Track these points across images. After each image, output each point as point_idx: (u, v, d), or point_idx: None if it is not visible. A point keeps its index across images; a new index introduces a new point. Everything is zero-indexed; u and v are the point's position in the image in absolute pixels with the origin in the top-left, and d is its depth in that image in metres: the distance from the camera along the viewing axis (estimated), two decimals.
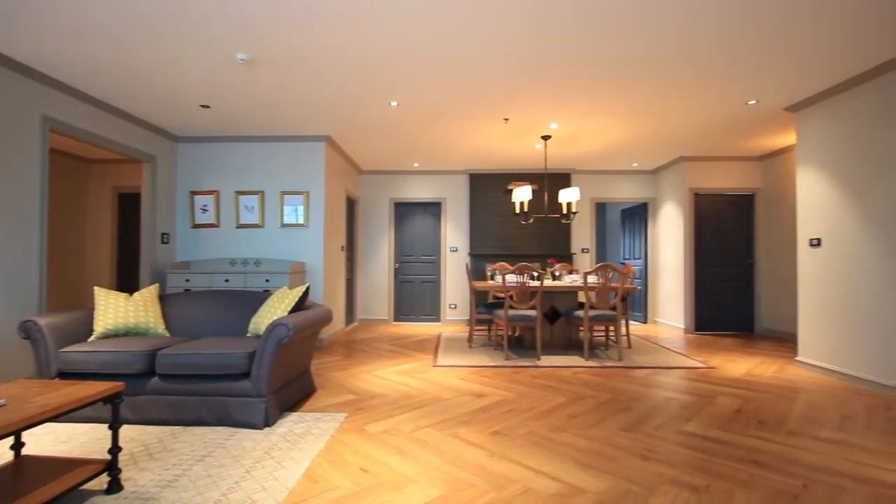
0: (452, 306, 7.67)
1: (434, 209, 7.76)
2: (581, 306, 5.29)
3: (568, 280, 5.32)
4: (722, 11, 2.82)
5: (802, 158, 4.49)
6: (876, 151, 3.71)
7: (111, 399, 2.02)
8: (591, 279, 4.92)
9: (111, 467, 2.01)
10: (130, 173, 6.69)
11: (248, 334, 3.42)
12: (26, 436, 2.67)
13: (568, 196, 5.43)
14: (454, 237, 7.69)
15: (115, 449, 2.02)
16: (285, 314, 3.19)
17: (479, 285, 5.02)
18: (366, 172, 7.72)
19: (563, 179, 7.59)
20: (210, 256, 5.61)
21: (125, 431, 2.75)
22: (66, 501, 1.95)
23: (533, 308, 4.83)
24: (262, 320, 3.26)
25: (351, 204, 7.17)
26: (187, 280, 5.10)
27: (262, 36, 3.16)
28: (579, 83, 3.97)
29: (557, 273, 5.98)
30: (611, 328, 5.65)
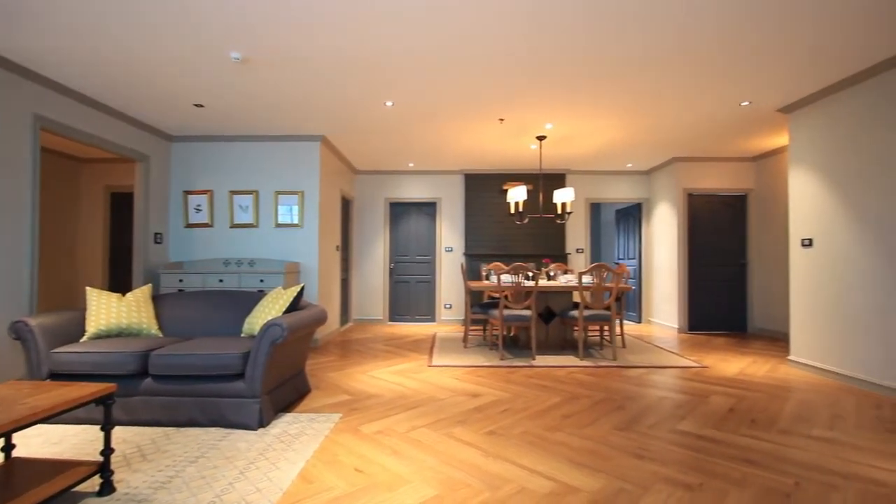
0: (448, 306, 7.67)
1: (429, 209, 7.76)
2: (576, 306, 5.31)
3: (563, 280, 5.34)
4: (722, 11, 2.83)
5: (795, 159, 4.53)
6: (867, 152, 3.75)
7: (103, 400, 2.01)
8: (586, 279, 4.94)
9: (103, 469, 2.00)
10: (123, 173, 6.64)
11: (243, 335, 3.40)
12: (17, 438, 2.64)
13: (563, 196, 5.45)
14: (449, 237, 7.69)
15: (108, 450, 2.00)
16: (280, 314, 3.18)
17: (475, 285, 5.02)
18: (361, 172, 7.70)
19: (558, 180, 7.61)
20: (204, 256, 5.58)
21: (118, 433, 2.73)
22: None
23: (528, 308, 4.84)
24: (257, 321, 3.25)
25: (346, 204, 7.15)
26: (181, 280, 5.07)
27: (257, 35, 3.15)
28: (576, 83, 3.98)
29: (552, 273, 5.99)
30: (605, 328, 5.67)
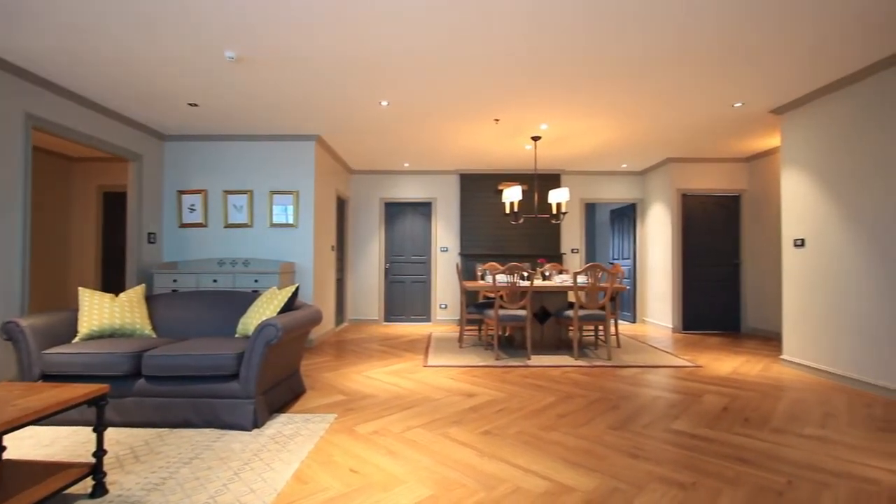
0: (443, 306, 7.67)
1: (424, 209, 7.76)
2: (571, 306, 5.33)
3: (558, 280, 5.36)
4: (721, 12, 2.84)
5: (787, 160, 4.56)
6: (860, 153, 3.78)
7: (96, 401, 1.99)
8: (581, 279, 4.96)
9: (96, 471, 1.98)
10: (116, 172, 6.58)
11: (237, 335, 3.39)
12: (8, 440, 2.61)
13: (558, 196, 5.47)
14: (445, 237, 7.69)
15: (100, 452, 1.99)
16: (274, 315, 3.17)
17: (470, 285, 5.03)
18: (356, 172, 7.69)
19: (553, 180, 7.63)
20: (198, 256, 5.55)
21: (111, 434, 2.71)
22: None
23: (523, 308, 4.85)
24: (251, 321, 3.23)
25: (341, 204, 7.14)
26: (174, 280, 5.04)
27: (251, 34, 3.13)
28: (571, 84, 3.99)
29: (547, 273, 6.01)
30: (600, 328, 5.69)
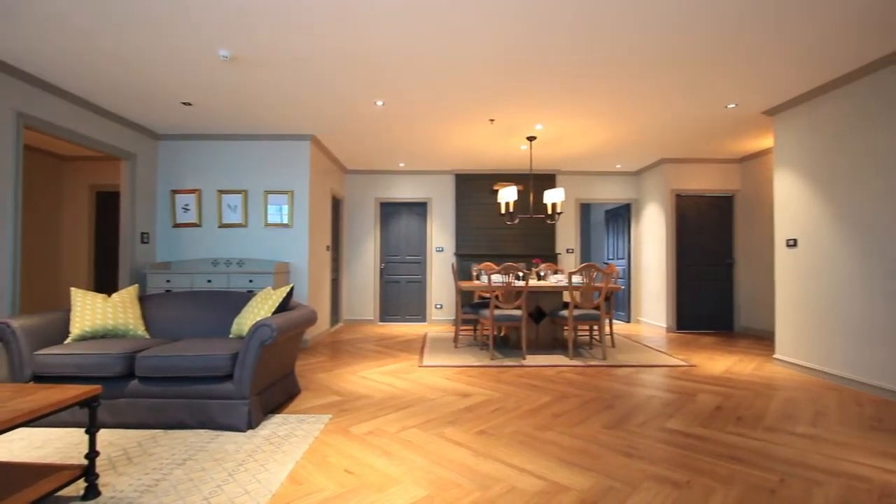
0: (438, 306, 7.67)
1: (420, 209, 7.75)
2: (566, 306, 5.34)
3: (553, 280, 5.37)
4: (718, 12, 2.84)
5: (779, 161, 4.60)
6: (850, 154, 3.82)
7: (88, 403, 1.97)
8: (576, 279, 4.97)
9: (88, 472, 1.97)
10: (109, 171, 6.53)
11: (231, 335, 3.37)
12: None
13: (553, 197, 5.48)
14: (440, 237, 7.69)
15: (93, 454, 1.97)
16: (269, 315, 3.16)
17: (465, 285, 5.03)
18: (351, 172, 7.67)
19: (548, 180, 7.65)
20: (192, 256, 5.52)
21: (104, 436, 2.69)
22: None
23: (518, 308, 4.86)
24: (246, 321, 3.22)
25: (336, 203, 7.12)
26: (168, 281, 5.01)
27: (246, 33, 3.12)
28: (566, 84, 4.00)
29: (542, 273, 6.02)
30: (595, 327, 5.71)
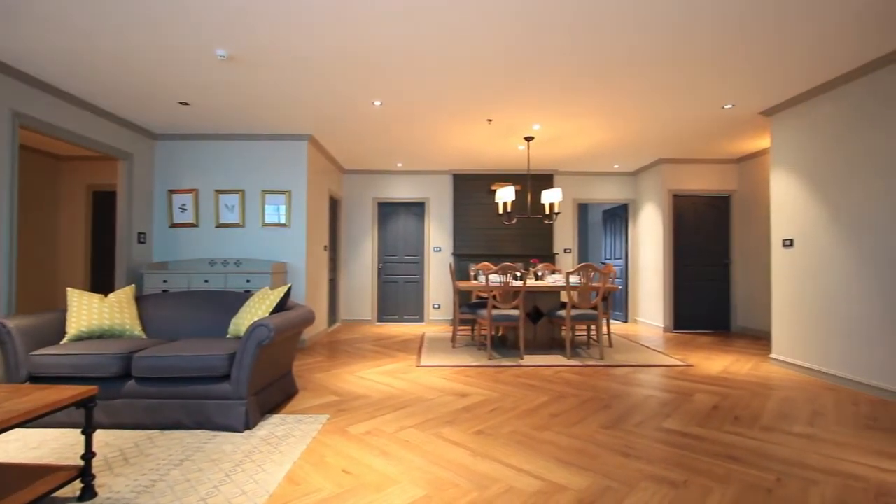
0: (436, 306, 7.67)
1: (418, 209, 7.75)
2: (563, 306, 5.35)
3: (550, 280, 5.38)
4: (718, 12, 2.85)
5: (776, 161, 4.62)
6: (846, 155, 3.84)
7: (84, 403, 1.97)
8: (574, 279, 4.98)
9: (84, 473, 1.96)
10: (105, 171, 6.50)
11: (229, 336, 3.36)
12: None
13: (550, 197, 5.49)
14: (438, 237, 7.69)
15: (89, 454, 1.97)
16: (266, 315, 3.15)
17: (463, 285, 5.03)
18: (349, 172, 7.66)
19: (546, 180, 7.66)
20: (189, 256, 5.50)
21: (100, 436, 2.68)
22: None
23: (516, 308, 4.86)
24: (243, 321, 3.21)
25: (334, 203, 7.11)
26: (165, 281, 4.99)
27: (244, 32, 3.11)
28: (564, 84, 4.00)
29: (540, 273, 6.03)
30: (592, 327, 5.72)
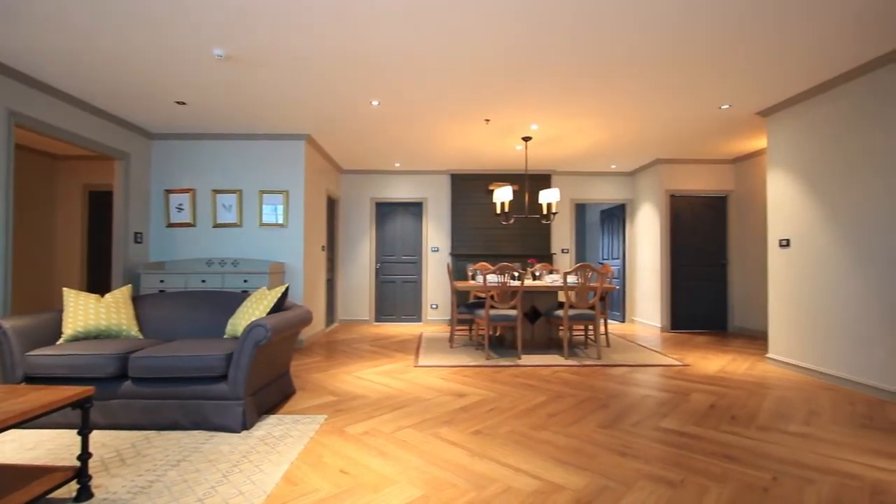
0: (434, 306, 7.67)
1: (415, 209, 7.75)
2: (561, 306, 5.35)
3: (548, 280, 5.38)
4: (719, 12, 2.85)
5: (773, 161, 4.63)
6: (845, 154, 3.85)
7: (80, 404, 1.96)
8: (571, 279, 4.99)
9: (80, 474, 1.95)
10: (102, 171, 6.48)
11: (226, 336, 3.35)
12: None
13: (548, 197, 5.49)
14: (436, 237, 7.69)
15: (85, 455, 1.96)
16: (264, 315, 3.14)
17: (461, 285, 5.03)
18: (347, 172, 7.66)
19: (544, 180, 7.67)
20: (186, 256, 5.48)
21: (97, 437, 2.67)
22: None
23: (514, 308, 4.86)
24: (240, 321, 3.20)
25: (331, 203, 7.10)
26: (162, 281, 4.97)
27: (240, 32, 3.10)
28: (562, 84, 4.01)
29: (538, 273, 6.03)
30: (590, 327, 5.73)
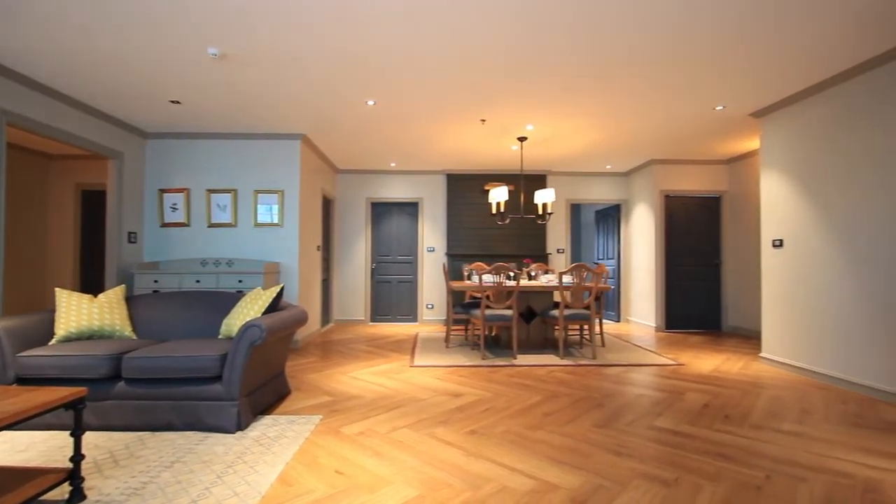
0: (429, 306, 7.67)
1: (411, 209, 7.74)
2: (556, 305, 5.37)
3: (544, 280, 5.40)
4: (718, 13, 2.85)
5: (766, 162, 4.67)
6: (835, 157, 3.88)
7: (73, 405, 1.94)
8: (566, 279, 5.00)
9: (73, 476, 1.93)
10: (95, 170, 6.43)
11: (220, 336, 3.34)
12: None
13: (543, 197, 5.51)
14: (431, 237, 7.69)
15: (78, 457, 1.94)
16: (259, 315, 3.13)
17: (456, 285, 5.03)
18: (342, 171, 7.64)
19: (539, 181, 7.68)
20: (180, 256, 5.45)
21: (90, 438, 2.65)
22: None
23: (509, 308, 4.87)
24: (235, 322, 3.19)
25: (327, 203, 7.08)
26: (156, 281, 4.94)
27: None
28: (558, 84, 4.01)
29: (533, 273, 6.05)
30: (585, 327, 5.75)
